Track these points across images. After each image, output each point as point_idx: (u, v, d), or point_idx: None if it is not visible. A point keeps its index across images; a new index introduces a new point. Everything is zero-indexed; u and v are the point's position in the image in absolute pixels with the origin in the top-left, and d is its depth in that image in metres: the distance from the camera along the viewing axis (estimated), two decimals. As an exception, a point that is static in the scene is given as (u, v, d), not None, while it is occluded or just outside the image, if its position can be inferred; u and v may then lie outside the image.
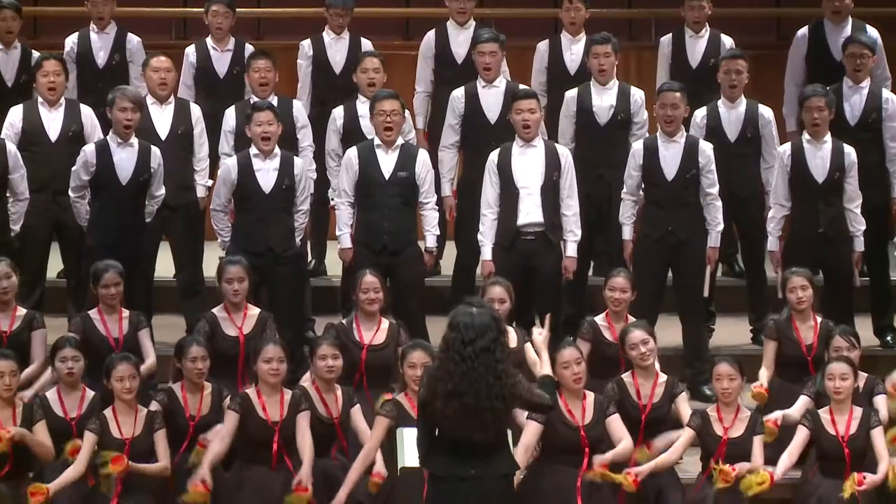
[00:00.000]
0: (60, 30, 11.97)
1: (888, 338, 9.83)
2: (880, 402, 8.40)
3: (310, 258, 10.44)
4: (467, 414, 6.89)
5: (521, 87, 10.05)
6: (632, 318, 8.88)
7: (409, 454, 7.80)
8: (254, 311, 8.81)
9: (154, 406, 8.41)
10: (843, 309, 9.48)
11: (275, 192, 9.31)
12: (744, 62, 10.18)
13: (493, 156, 9.42)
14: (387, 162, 9.40)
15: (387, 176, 9.42)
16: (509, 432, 7.27)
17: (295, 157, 9.51)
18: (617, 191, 9.78)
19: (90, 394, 8.29)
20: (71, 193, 9.37)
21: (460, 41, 10.72)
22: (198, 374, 8.16)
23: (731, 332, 10.22)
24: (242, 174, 9.33)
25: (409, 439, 7.78)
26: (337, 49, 10.79)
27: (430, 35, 10.82)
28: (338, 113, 9.91)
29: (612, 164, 9.87)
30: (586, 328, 8.82)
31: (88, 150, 9.36)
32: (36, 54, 10.63)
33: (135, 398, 8.16)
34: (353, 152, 9.46)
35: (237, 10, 10.91)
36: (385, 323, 8.87)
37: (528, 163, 9.35)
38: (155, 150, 9.38)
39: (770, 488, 8.22)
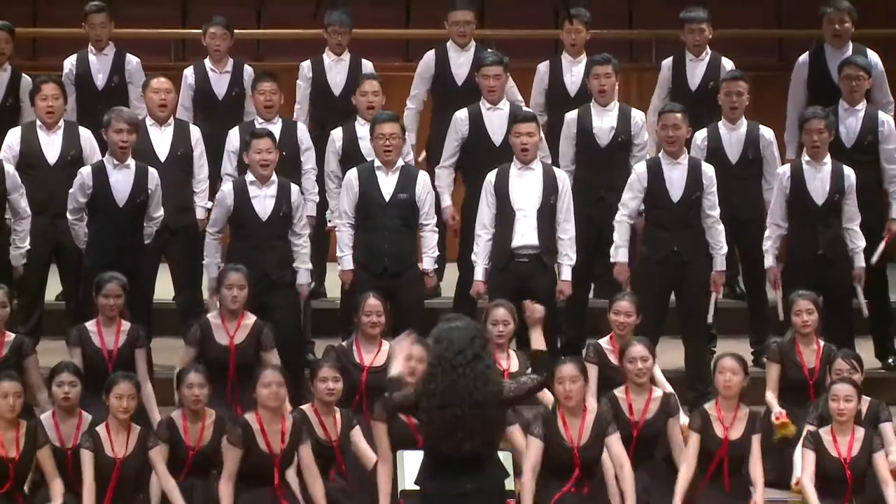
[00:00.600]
0: (59, 51, 12.20)
1: (890, 360, 9.99)
2: (887, 428, 8.51)
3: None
4: (456, 423, 6.96)
5: (523, 108, 10.11)
6: None
7: (409, 477, 7.76)
8: (249, 320, 8.98)
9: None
10: (843, 331, 9.65)
11: (272, 220, 9.48)
12: (744, 84, 10.35)
13: (491, 176, 9.55)
14: (387, 184, 9.53)
15: (387, 198, 9.56)
16: (508, 457, 7.30)
17: (292, 185, 9.63)
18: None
19: (87, 419, 8.38)
20: (69, 216, 9.52)
21: (461, 63, 10.92)
22: (194, 402, 8.26)
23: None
24: (239, 200, 9.48)
25: (409, 462, 7.84)
26: (337, 71, 10.97)
27: (430, 55, 10.97)
28: (336, 135, 10.06)
29: (613, 186, 10.00)
30: (591, 352, 8.96)
31: (85, 172, 9.50)
32: (26, 77, 10.69)
33: (129, 418, 8.23)
34: (353, 174, 9.61)
35: (236, 31, 11.00)
36: (385, 345, 8.91)
37: (525, 185, 9.49)
38: (152, 172, 9.51)
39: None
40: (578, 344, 9.60)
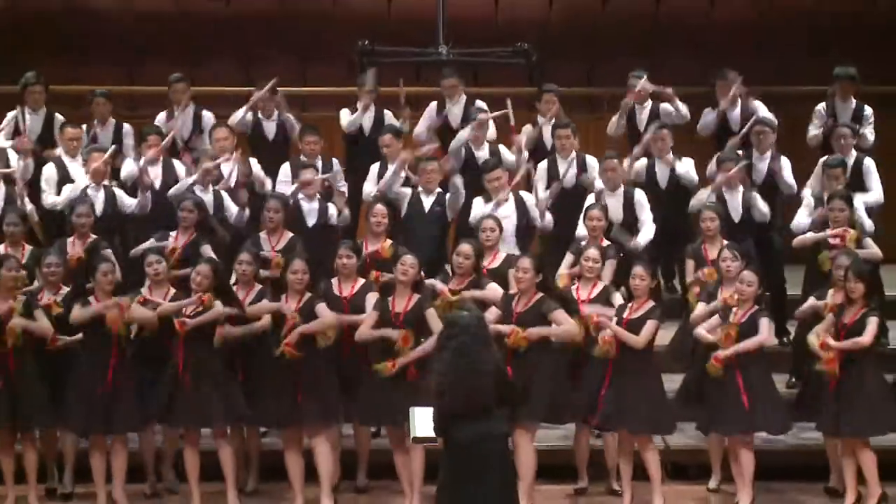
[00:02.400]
0: (156, 105, 14.26)
1: (784, 339, 12.35)
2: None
3: None
4: (472, 386, 8.28)
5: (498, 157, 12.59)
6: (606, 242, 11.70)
7: (420, 428, 8.88)
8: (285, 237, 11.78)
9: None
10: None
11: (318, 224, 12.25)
12: (667, 131, 12.78)
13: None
14: (427, 202, 12.22)
15: (426, 211, 12.26)
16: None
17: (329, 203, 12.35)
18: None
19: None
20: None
21: (455, 113, 13.38)
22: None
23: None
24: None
25: (419, 416, 8.85)
26: (367, 117, 13.37)
27: (433, 105, 13.40)
28: (374, 169, 12.60)
29: (574, 217, 12.40)
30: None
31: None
32: (127, 126, 13.22)
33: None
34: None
35: (287, 88, 13.45)
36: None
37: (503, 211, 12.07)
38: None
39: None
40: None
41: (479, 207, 12.48)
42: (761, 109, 13.50)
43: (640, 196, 12.45)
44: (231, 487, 11.52)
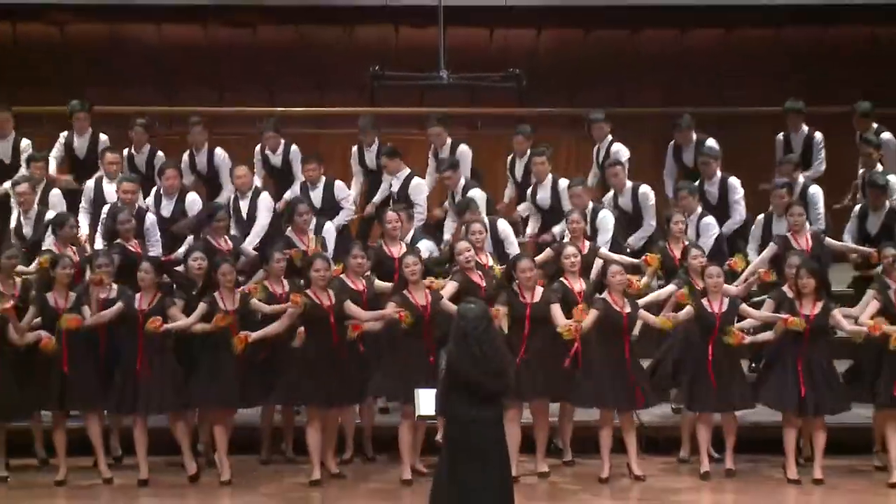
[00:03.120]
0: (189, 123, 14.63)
1: None
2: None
3: None
4: (489, 368, 8.84)
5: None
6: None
7: (424, 407, 9.48)
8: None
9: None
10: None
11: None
12: (620, 167, 13.40)
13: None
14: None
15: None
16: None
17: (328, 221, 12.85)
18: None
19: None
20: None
21: (443, 156, 13.92)
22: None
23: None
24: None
25: (424, 397, 9.49)
26: (370, 153, 14.04)
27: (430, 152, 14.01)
28: (386, 182, 13.62)
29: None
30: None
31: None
32: (160, 153, 13.82)
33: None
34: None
35: (308, 108, 14.62)
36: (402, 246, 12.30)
37: None
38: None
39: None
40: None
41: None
42: (707, 141, 14.19)
43: (603, 214, 13.22)
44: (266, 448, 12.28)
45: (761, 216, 13.42)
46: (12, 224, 13.62)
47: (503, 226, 13.43)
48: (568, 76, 17.58)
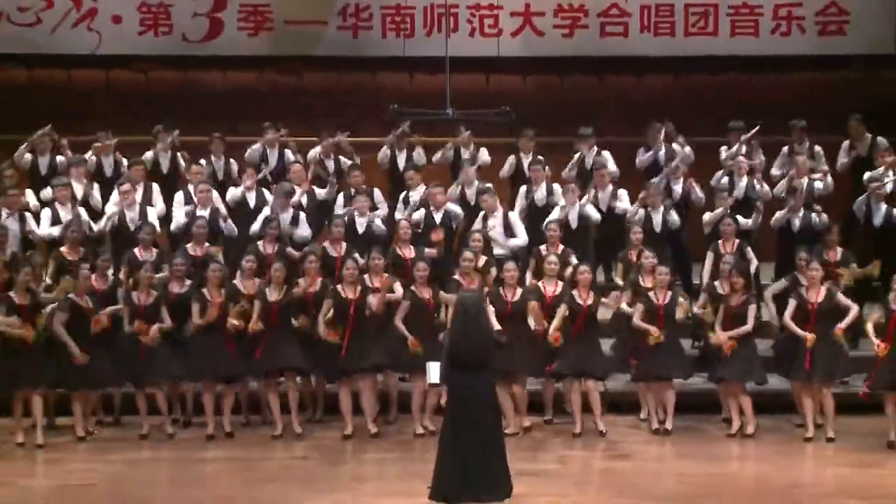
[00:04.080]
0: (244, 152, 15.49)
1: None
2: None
3: None
4: (478, 345, 9.43)
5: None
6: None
7: (433, 377, 10.17)
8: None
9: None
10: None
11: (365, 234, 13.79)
12: (606, 170, 14.47)
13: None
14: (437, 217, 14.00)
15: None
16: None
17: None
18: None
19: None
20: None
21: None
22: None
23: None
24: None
25: (433, 369, 10.13)
26: (401, 158, 15.29)
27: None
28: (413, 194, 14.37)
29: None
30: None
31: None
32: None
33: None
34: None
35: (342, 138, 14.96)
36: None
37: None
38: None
39: None
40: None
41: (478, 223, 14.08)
42: (679, 152, 15.15)
43: (589, 210, 14.31)
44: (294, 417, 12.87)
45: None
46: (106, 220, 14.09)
47: (514, 217, 14.12)
48: (549, 112, 17.84)
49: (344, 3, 18.63)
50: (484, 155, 15.41)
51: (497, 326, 11.44)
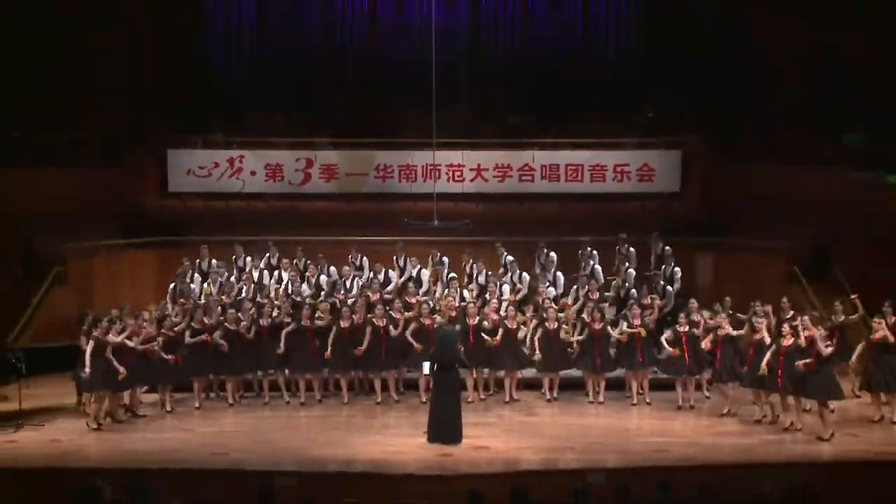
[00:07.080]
0: None
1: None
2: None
3: None
4: (448, 355, 15.49)
5: None
6: None
7: (426, 369, 16.29)
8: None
9: None
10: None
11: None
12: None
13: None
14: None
15: None
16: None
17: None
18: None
19: None
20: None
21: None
22: None
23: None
24: None
25: (425, 366, 16.16)
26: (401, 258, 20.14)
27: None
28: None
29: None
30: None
31: None
32: None
33: None
34: None
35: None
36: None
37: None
38: None
39: None
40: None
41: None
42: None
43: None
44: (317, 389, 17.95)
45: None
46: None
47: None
48: (491, 225, 24.01)
49: (377, 163, 26.05)
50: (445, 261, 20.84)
51: (461, 347, 16.50)
